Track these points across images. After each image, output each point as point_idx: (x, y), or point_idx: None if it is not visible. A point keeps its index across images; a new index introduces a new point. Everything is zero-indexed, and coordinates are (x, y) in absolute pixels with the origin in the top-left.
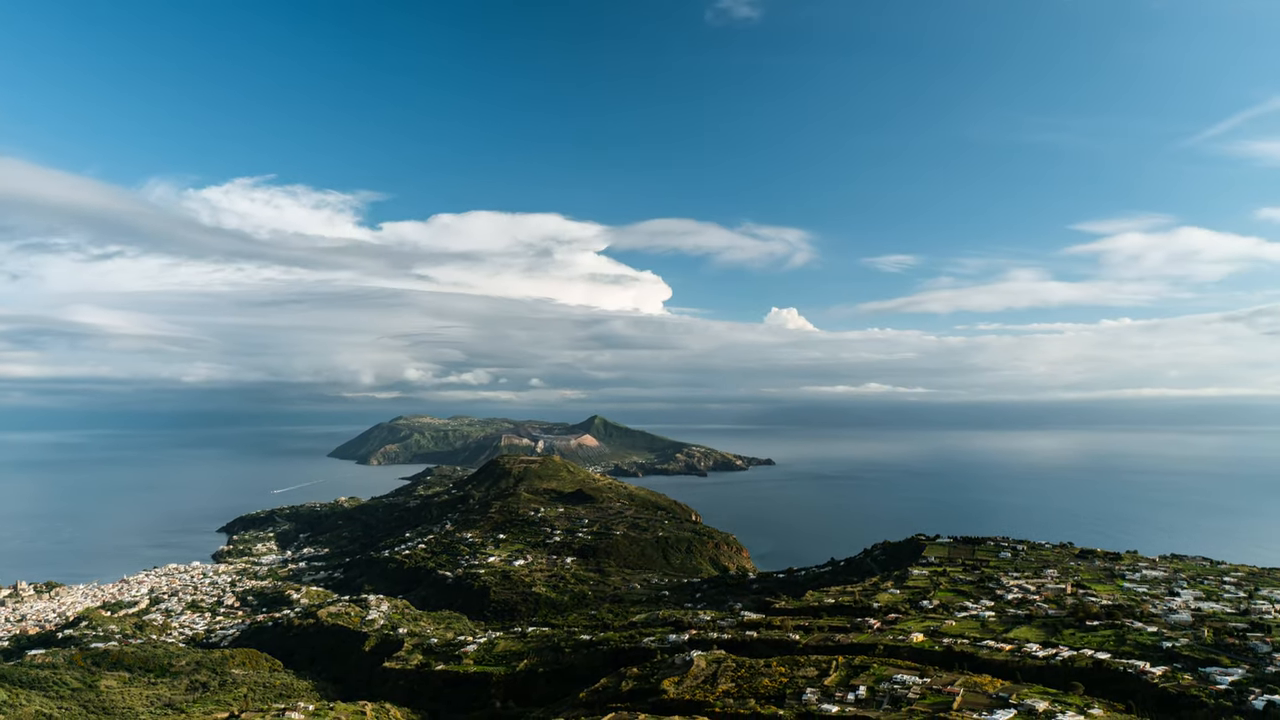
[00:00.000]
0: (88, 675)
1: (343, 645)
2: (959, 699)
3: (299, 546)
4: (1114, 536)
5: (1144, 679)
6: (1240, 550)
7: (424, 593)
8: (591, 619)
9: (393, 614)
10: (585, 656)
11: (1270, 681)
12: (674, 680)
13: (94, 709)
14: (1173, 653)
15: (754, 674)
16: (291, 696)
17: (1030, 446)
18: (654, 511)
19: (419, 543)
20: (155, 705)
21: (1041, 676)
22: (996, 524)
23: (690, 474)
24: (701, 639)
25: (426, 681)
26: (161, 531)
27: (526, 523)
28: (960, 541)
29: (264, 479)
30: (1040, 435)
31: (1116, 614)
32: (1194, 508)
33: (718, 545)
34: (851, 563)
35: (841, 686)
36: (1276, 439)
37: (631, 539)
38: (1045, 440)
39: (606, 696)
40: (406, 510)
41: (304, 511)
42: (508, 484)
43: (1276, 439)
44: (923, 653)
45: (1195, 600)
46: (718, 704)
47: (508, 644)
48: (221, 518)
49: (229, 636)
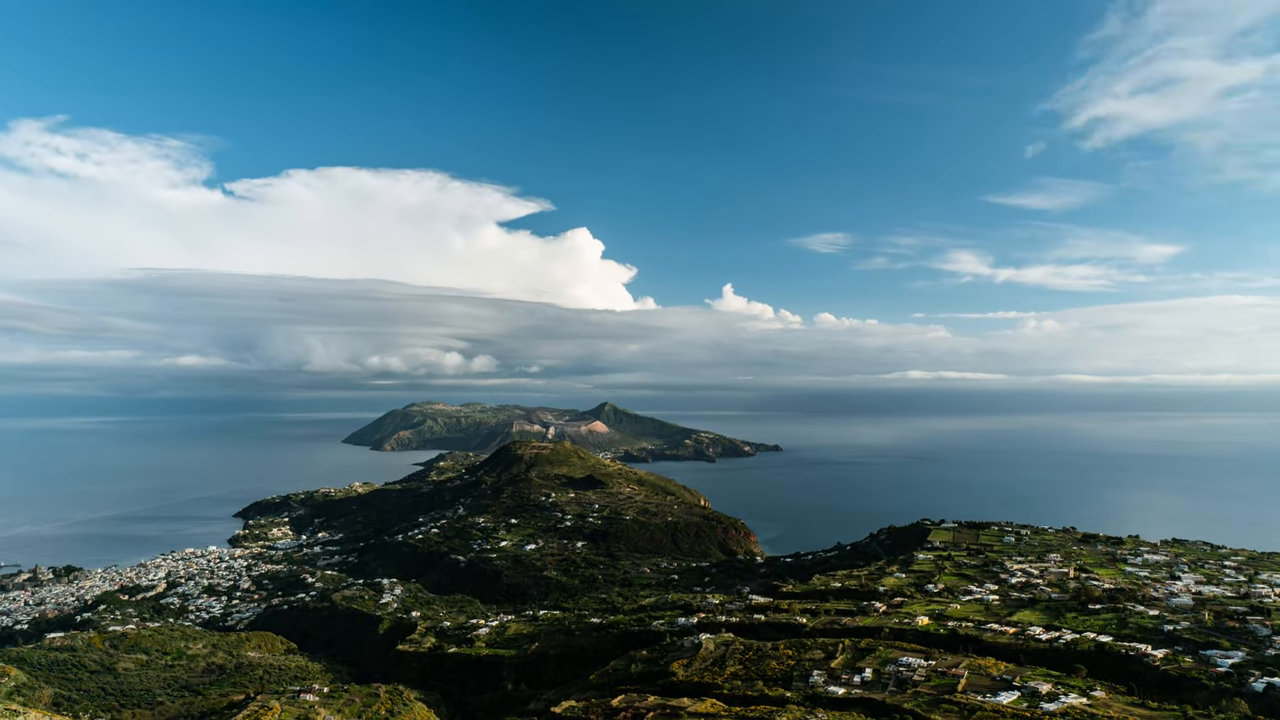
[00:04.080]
0: (106, 658)
1: (357, 628)
2: (963, 681)
3: (314, 531)
4: (1115, 521)
5: (1145, 661)
6: (1240, 534)
7: (437, 577)
8: (602, 602)
9: (406, 598)
10: (595, 639)
11: (1270, 664)
12: (683, 663)
13: (112, 691)
14: (1174, 636)
15: (761, 657)
16: (307, 679)
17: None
18: (663, 496)
19: (432, 527)
20: (172, 687)
21: (1045, 659)
22: (1000, 509)
23: (699, 460)
24: (710, 622)
25: (439, 664)
26: (177, 517)
27: (538, 508)
28: (965, 526)
29: (278, 465)
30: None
31: (1118, 597)
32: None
33: (726, 530)
34: (857, 547)
35: (848, 669)
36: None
37: (641, 524)
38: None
39: (616, 678)
40: (420, 495)
41: (318, 497)
42: (519, 469)
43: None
44: (928, 636)
45: (1196, 584)
46: (726, 686)
47: (519, 627)
48: (237, 503)
49: (245, 620)
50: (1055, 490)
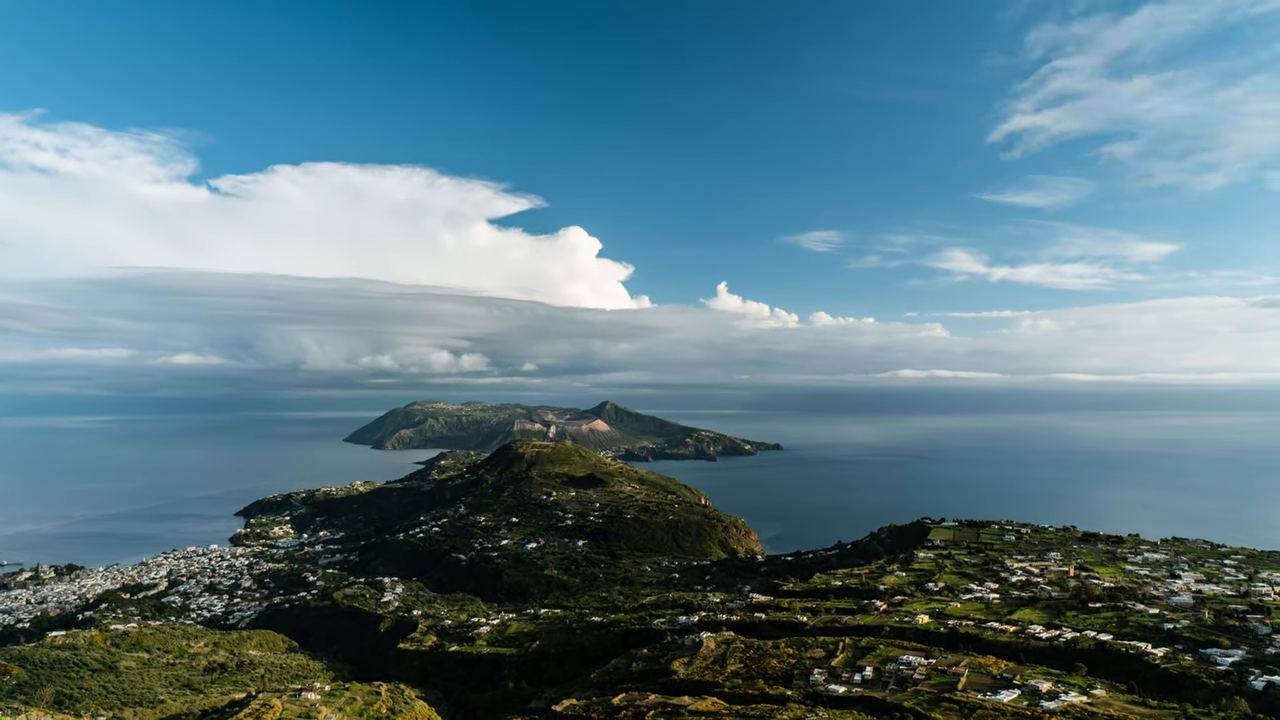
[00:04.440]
0: (108, 656)
1: (358, 627)
2: (964, 679)
3: (315, 529)
4: (1116, 520)
5: (1146, 660)
6: (1240, 533)
7: (438, 575)
8: (602, 601)
9: (407, 596)
10: (596, 638)
11: (1270, 663)
12: (684, 661)
13: (114, 690)
14: (1174, 634)
15: (762, 655)
16: (308, 677)
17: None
18: (664, 495)
19: (433, 526)
20: (174, 686)
21: (1045, 657)
22: (1001, 508)
23: (700, 459)
24: (711, 621)
25: (440, 662)
26: (179, 515)
27: (539, 506)
28: (965, 525)
29: (279, 463)
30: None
31: (1118, 596)
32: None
33: (727, 529)
34: (858, 546)
35: (848, 667)
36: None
37: (642, 522)
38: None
39: (617, 677)
40: (420, 494)
41: (320, 495)
42: (520, 468)
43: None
44: (928, 634)
45: (1196, 583)
46: (727, 684)
47: (520, 625)
48: (238, 501)
49: (247, 618)
50: (1054, 488)
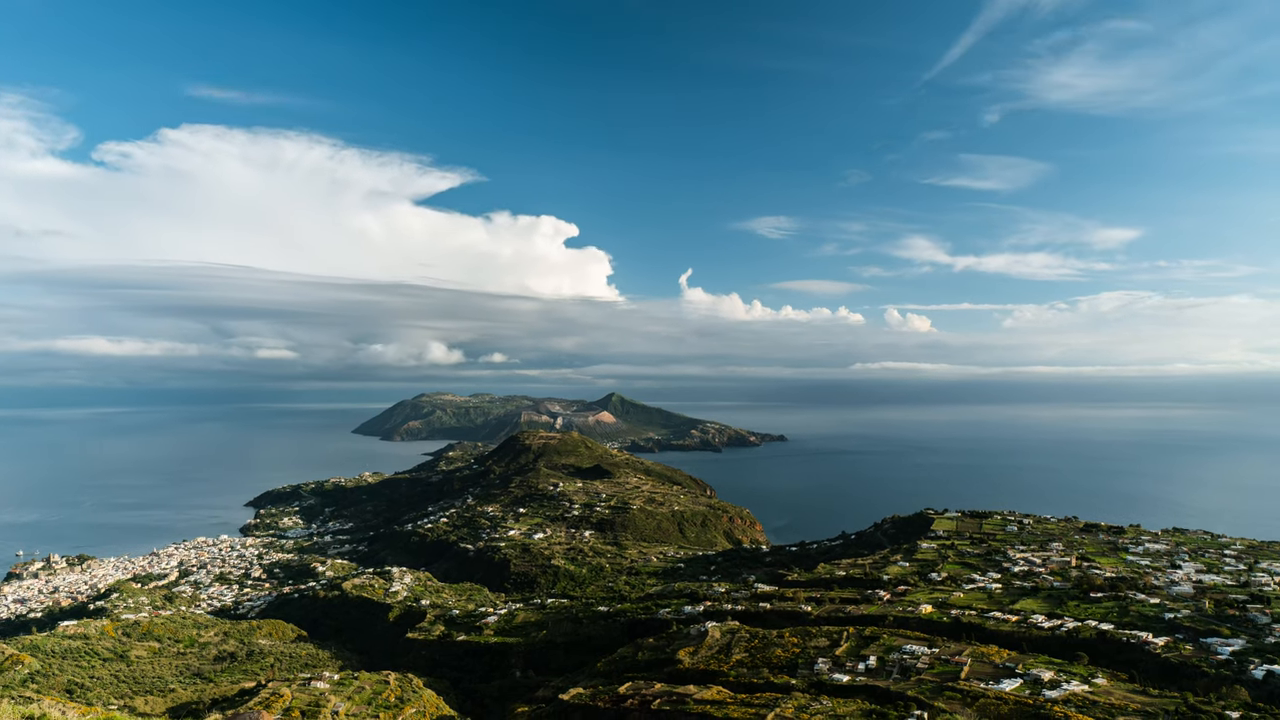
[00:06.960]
0: (119, 645)
1: (367, 616)
2: (966, 669)
3: (324, 520)
4: (1117, 511)
5: (1147, 649)
6: (1240, 524)
7: (446, 565)
8: (609, 591)
9: (415, 586)
10: (603, 627)
11: (1269, 652)
12: (689, 650)
13: (124, 678)
14: (1174, 624)
15: (767, 644)
16: (317, 666)
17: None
18: (670, 486)
19: (441, 517)
20: (184, 675)
21: (1047, 647)
22: (1003, 498)
23: (705, 450)
24: (716, 610)
25: (448, 651)
26: (189, 506)
27: (546, 497)
28: (967, 515)
29: (289, 455)
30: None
31: (1120, 586)
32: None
33: (732, 519)
34: (862, 536)
35: (852, 656)
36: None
37: (648, 513)
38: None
39: (623, 666)
40: (429, 485)
41: (328, 486)
42: (527, 459)
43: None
44: (931, 624)
45: (1196, 573)
46: (732, 673)
47: (527, 615)
48: (248, 492)
49: (256, 608)
50: (1057, 480)
